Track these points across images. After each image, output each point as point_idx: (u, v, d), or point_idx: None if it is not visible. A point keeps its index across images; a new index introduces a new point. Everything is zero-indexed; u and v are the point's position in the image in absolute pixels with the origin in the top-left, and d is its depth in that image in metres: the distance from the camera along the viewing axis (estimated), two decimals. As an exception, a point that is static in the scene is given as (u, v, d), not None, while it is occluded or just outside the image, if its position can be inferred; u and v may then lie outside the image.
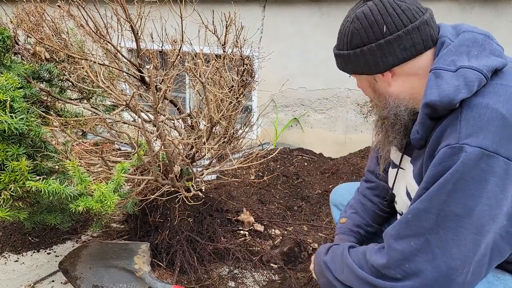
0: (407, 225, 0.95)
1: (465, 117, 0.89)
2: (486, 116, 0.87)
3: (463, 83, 0.90)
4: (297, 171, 2.95)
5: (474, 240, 0.86)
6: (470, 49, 0.96)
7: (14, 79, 1.28)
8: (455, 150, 0.87)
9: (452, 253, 0.87)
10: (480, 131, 0.86)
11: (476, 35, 1.00)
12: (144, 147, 1.61)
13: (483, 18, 2.83)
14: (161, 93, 1.48)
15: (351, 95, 3.40)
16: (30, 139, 1.36)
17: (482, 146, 0.85)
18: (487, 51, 0.96)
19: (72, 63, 1.78)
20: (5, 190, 1.26)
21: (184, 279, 1.79)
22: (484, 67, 0.91)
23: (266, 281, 1.84)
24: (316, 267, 1.25)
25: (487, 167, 0.85)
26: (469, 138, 0.86)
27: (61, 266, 1.74)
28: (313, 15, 3.34)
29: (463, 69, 0.91)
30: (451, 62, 0.94)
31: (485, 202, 0.85)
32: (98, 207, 1.21)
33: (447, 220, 0.88)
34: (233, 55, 1.77)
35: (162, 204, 1.82)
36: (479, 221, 0.86)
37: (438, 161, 0.91)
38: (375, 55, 1.00)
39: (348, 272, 1.08)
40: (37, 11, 1.79)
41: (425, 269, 0.90)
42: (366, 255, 1.06)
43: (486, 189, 0.85)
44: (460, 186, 0.86)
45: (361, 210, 1.47)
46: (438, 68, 0.95)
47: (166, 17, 1.75)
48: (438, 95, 0.91)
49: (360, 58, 1.02)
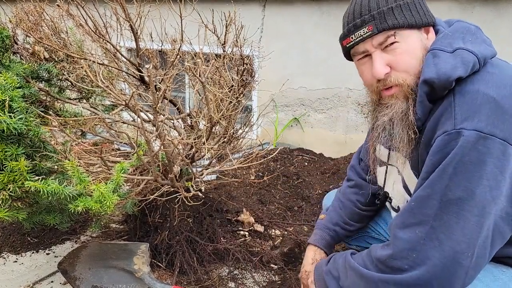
0: (411, 213, 0.96)
1: (458, 103, 0.92)
2: (478, 100, 0.90)
3: (460, 62, 0.93)
4: (297, 171, 2.94)
5: (477, 222, 0.88)
6: (464, 35, 1.01)
7: (13, 78, 1.28)
8: (452, 135, 0.90)
9: (457, 236, 0.89)
10: (474, 114, 0.89)
11: (469, 25, 1.06)
12: (144, 147, 1.61)
13: (483, 17, 2.82)
14: (161, 93, 1.48)
15: (352, 94, 3.39)
16: (29, 139, 1.35)
17: (477, 129, 0.87)
18: (480, 39, 1.01)
19: (71, 63, 1.77)
20: (4, 190, 1.25)
21: (184, 280, 1.78)
22: (478, 52, 0.95)
23: (266, 282, 1.83)
24: (317, 282, 1.23)
25: (484, 149, 0.87)
26: (465, 122, 0.89)
27: (60, 267, 1.73)
28: (313, 14, 3.34)
29: (460, 50, 0.96)
30: (447, 44, 0.99)
31: (485, 184, 0.87)
32: (97, 207, 1.21)
33: (450, 204, 0.90)
34: (233, 55, 1.76)
35: (161, 204, 1.81)
36: (481, 203, 0.88)
37: (436, 149, 0.93)
38: (426, 5, 1.06)
39: (354, 275, 1.07)
40: (36, 10, 1.78)
41: (432, 256, 0.91)
42: (371, 253, 1.05)
43: (485, 171, 0.87)
44: (460, 169, 0.88)
45: (340, 208, 1.50)
46: (436, 49, 0.99)
47: (166, 16, 1.75)
48: (436, 72, 0.94)
49: (421, 5, 1.04)
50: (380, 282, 0.98)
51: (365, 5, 1.03)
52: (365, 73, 1.10)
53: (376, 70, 1.03)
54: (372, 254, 1.04)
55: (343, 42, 1.11)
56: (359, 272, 1.05)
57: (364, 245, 1.60)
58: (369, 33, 1.02)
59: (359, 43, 1.05)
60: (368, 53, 1.06)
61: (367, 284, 1.02)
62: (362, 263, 1.06)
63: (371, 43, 1.03)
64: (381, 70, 1.02)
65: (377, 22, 1.01)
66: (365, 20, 1.02)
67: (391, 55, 1.02)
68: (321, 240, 1.48)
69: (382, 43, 1.02)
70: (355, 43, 1.06)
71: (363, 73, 1.11)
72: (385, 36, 1.01)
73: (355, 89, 3.36)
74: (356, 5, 1.05)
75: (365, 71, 1.10)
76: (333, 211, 1.51)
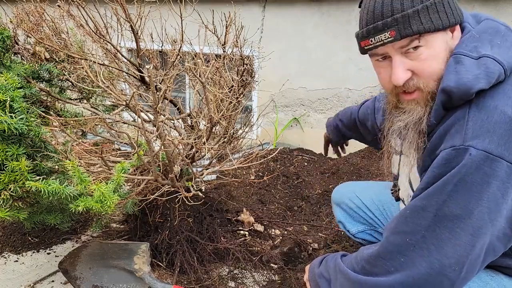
0: (405, 220, 0.94)
1: (473, 118, 0.87)
2: (494, 118, 0.85)
3: (484, 73, 0.86)
4: (297, 171, 2.95)
5: (470, 241, 0.86)
6: (492, 37, 0.93)
7: (13, 79, 1.28)
8: (459, 151, 0.86)
9: (447, 251, 0.87)
10: (487, 133, 0.84)
11: (498, 25, 0.97)
12: (144, 147, 1.61)
13: (483, 18, 2.83)
14: (161, 93, 1.48)
15: (351, 95, 3.39)
16: (30, 139, 1.35)
17: (487, 150, 0.83)
18: (509, 42, 0.93)
19: (72, 63, 1.77)
20: (5, 190, 1.25)
21: (184, 279, 1.79)
22: (505, 62, 0.88)
23: (266, 281, 1.83)
24: (311, 282, 1.23)
25: (490, 171, 0.83)
26: (475, 140, 0.84)
27: (61, 266, 1.74)
28: (313, 15, 3.34)
29: (486, 58, 0.88)
30: (473, 48, 0.91)
31: (485, 205, 0.84)
32: (98, 207, 1.21)
33: (445, 219, 0.87)
34: (233, 55, 1.77)
35: (162, 204, 1.82)
36: (477, 223, 0.85)
37: (441, 161, 0.89)
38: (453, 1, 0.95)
39: (342, 278, 1.06)
40: (37, 11, 1.78)
41: (419, 264, 0.89)
42: (358, 255, 1.05)
43: (487, 192, 0.84)
44: (461, 187, 0.85)
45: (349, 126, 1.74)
46: (460, 53, 0.91)
47: (166, 17, 1.75)
48: (456, 81, 0.88)
49: (449, 3, 0.93)
50: (365, 285, 0.98)
51: (388, 5, 0.92)
52: (382, 75, 1.02)
53: (396, 77, 0.95)
54: (359, 255, 1.04)
55: (361, 42, 1.01)
56: (347, 275, 1.04)
57: (370, 239, 1.61)
58: (391, 39, 0.93)
59: (378, 47, 0.96)
60: (388, 55, 0.98)
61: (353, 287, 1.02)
62: (350, 266, 1.06)
63: (392, 47, 0.95)
64: (401, 76, 0.95)
65: (401, 27, 0.91)
66: (387, 24, 0.92)
67: (414, 61, 0.94)
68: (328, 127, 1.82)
69: (404, 47, 0.94)
70: (374, 47, 0.97)
71: (381, 75, 1.03)
72: (409, 41, 0.92)
73: (355, 89, 3.36)
74: (378, 2, 0.94)
75: (383, 73, 1.02)
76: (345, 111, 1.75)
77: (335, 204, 1.67)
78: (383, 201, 1.56)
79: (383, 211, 1.56)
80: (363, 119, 1.63)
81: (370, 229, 1.60)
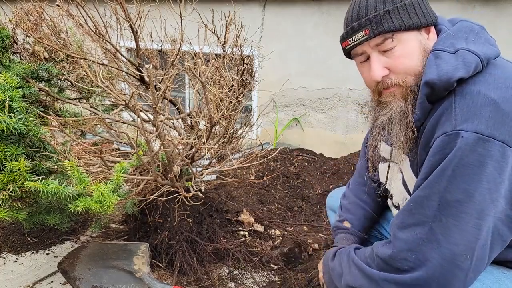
0: (410, 213, 0.96)
1: (459, 104, 0.92)
2: (479, 102, 0.90)
3: (462, 63, 0.93)
4: (297, 171, 2.94)
5: (476, 225, 0.88)
6: (467, 35, 1.00)
7: (13, 78, 1.27)
8: (451, 137, 0.89)
9: (456, 239, 0.89)
10: (474, 116, 0.88)
11: (472, 25, 1.04)
12: (144, 147, 1.61)
13: (484, 17, 2.82)
14: (161, 93, 1.48)
15: (352, 94, 3.39)
16: (29, 139, 1.35)
17: (477, 131, 0.87)
18: (483, 39, 1.00)
19: (71, 63, 1.77)
20: (4, 190, 1.25)
21: (184, 280, 1.78)
22: (481, 53, 0.94)
23: (266, 282, 1.83)
24: (325, 275, 1.25)
25: (484, 151, 0.87)
26: (464, 124, 0.88)
27: (60, 267, 1.73)
28: (314, 14, 3.34)
29: (462, 51, 0.95)
30: (450, 44, 0.98)
31: (485, 186, 0.87)
32: (97, 207, 1.21)
33: (449, 206, 0.89)
34: (233, 55, 1.76)
35: (161, 204, 1.81)
36: (480, 205, 0.88)
37: (436, 149, 0.92)
38: (427, 5, 1.03)
39: (357, 272, 1.08)
40: (36, 10, 1.78)
41: (431, 257, 0.91)
42: (373, 250, 1.06)
43: (485, 173, 0.87)
44: (459, 171, 0.88)
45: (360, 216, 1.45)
46: (438, 49, 0.98)
47: (166, 16, 1.75)
48: (437, 74, 0.94)
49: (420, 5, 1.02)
50: (381, 281, 0.99)
51: (363, 8, 1.03)
52: (365, 75, 1.11)
53: (374, 73, 1.04)
54: (374, 251, 1.05)
55: (342, 44, 1.12)
56: (362, 269, 1.06)
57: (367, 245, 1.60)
58: (365, 37, 1.03)
59: (356, 46, 1.06)
60: (367, 54, 1.07)
61: (370, 282, 1.03)
62: (364, 260, 1.07)
63: (368, 44, 1.04)
64: (378, 72, 1.04)
65: (373, 26, 1.01)
66: (362, 24, 1.03)
67: (389, 58, 1.03)
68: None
69: (379, 45, 1.03)
70: (353, 46, 1.08)
71: (364, 74, 1.12)
72: (383, 39, 1.02)
73: (355, 89, 3.36)
74: (355, 7, 1.05)
75: (364, 72, 1.10)
76: (360, 220, 1.46)
77: (329, 209, 1.67)
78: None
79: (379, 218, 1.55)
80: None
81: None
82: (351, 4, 1.08)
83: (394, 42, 1.01)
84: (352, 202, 1.50)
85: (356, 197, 1.49)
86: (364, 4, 1.03)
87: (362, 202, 1.47)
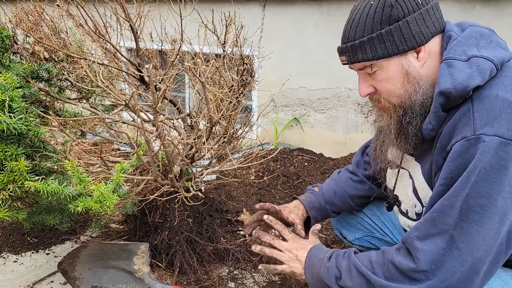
0: (433, 223, 0.94)
1: (477, 109, 0.90)
2: (498, 105, 0.89)
3: (476, 71, 0.91)
4: (297, 171, 2.94)
5: (497, 229, 0.87)
6: (478, 41, 0.99)
7: (13, 78, 1.27)
8: (472, 141, 0.88)
9: (477, 244, 0.88)
10: (495, 120, 0.87)
11: (482, 29, 1.03)
12: (144, 147, 1.61)
13: (484, 17, 2.82)
14: (161, 93, 1.48)
15: (352, 95, 3.39)
16: (29, 139, 1.35)
17: (499, 134, 0.86)
18: (494, 43, 0.99)
19: (71, 63, 1.77)
20: (4, 191, 1.25)
21: (184, 280, 1.78)
22: (494, 58, 0.93)
23: (266, 282, 1.83)
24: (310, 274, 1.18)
25: (505, 155, 0.86)
26: (485, 128, 0.87)
27: (60, 267, 1.73)
28: (314, 14, 3.34)
29: (475, 58, 0.93)
30: (461, 52, 0.96)
31: (507, 190, 0.86)
32: (97, 207, 1.21)
33: (471, 212, 0.88)
34: (233, 55, 1.76)
35: (161, 204, 1.81)
36: (502, 209, 0.87)
37: (456, 154, 0.91)
38: (417, 25, 0.98)
39: (360, 278, 1.04)
40: (36, 10, 1.78)
41: (450, 266, 0.90)
42: (385, 256, 1.02)
43: (507, 177, 0.86)
44: (482, 176, 0.87)
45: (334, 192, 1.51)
46: (450, 58, 0.96)
47: (166, 16, 1.75)
48: (451, 83, 0.92)
49: (402, 31, 0.97)
50: None
51: (347, 31, 1.04)
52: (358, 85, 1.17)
53: (360, 91, 1.09)
54: (387, 257, 1.01)
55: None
56: (367, 276, 1.02)
57: (367, 245, 1.59)
58: (345, 61, 1.07)
59: (345, 64, 1.10)
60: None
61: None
62: (368, 266, 1.04)
63: (353, 66, 1.08)
64: (364, 91, 1.09)
65: (350, 54, 1.04)
66: (343, 49, 1.06)
67: (373, 79, 1.06)
68: (310, 203, 1.50)
69: (361, 68, 1.06)
70: (343, 63, 1.11)
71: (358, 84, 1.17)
72: (362, 65, 1.05)
73: (355, 89, 3.36)
74: (347, 26, 1.05)
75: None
76: (328, 191, 1.52)
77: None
78: (379, 207, 1.55)
79: (381, 216, 1.55)
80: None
81: (367, 235, 1.58)
82: (347, 19, 1.07)
83: (374, 68, 1.03)
84: (334, 179, 1.56)
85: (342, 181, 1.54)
86: (349, 28, 1.03)
87: (344, 184, 1.52)
